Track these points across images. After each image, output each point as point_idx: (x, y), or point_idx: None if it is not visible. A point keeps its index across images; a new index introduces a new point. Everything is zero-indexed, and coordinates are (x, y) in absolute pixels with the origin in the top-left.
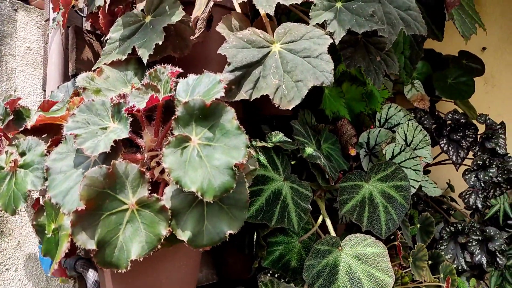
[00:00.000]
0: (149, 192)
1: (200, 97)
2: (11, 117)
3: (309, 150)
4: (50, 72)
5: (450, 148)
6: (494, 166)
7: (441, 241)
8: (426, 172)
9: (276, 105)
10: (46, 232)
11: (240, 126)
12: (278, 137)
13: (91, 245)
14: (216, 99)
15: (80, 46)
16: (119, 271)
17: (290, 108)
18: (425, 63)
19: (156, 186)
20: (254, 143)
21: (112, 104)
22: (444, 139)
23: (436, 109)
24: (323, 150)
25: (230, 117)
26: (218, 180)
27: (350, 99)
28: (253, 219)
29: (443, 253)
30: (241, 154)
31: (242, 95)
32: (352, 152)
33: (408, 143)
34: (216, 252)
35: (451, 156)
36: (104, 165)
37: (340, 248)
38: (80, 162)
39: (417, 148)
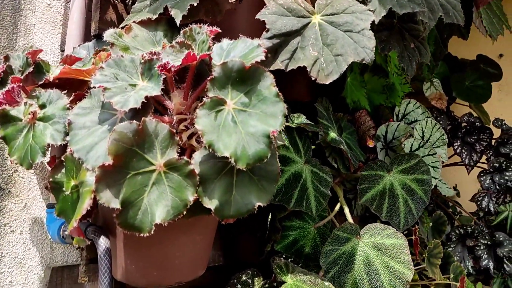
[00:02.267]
0: (178, 155)
1: (239, 59)
2: (31, 68)
3: (333, 134)
4: (71, 31)
5: (463, 151)
6: (510, 169)
7: (449, 243)
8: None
9: (313, 78)
10: (64, 189)
11: (279, 93)
12: (300, 119)
13: (115, 204)
14: (256, 62)
15: (104, 6)
16: (142, 235)
17: (327, 83)
18: (443, 63)
19: (182, 153)
20: None
21: (143, 61)
22: (458, 141)
23: (452, 111)
24: (342, 138)
25: (268, 83)
26: (252, 147)
27: (370, 90)
28: (272, 200)
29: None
30: (278, 122)
31: (278, 64)
32: (371, 143)
33: (425, 141)
34: (227, 234)
35: (464, 159)
36: (134, 121)
37: (358, 236)
38: (106, 118)
39: (433, 146)
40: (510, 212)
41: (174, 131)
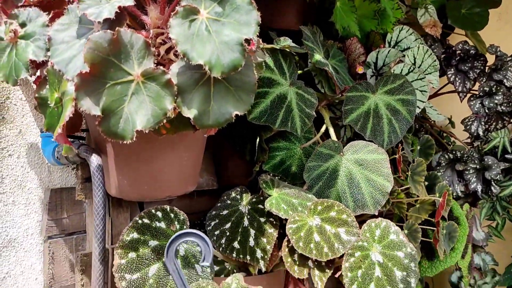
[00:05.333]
0: (155, 65)
1: None
2: None
3: (318, 56)
4: None
5: (457, 79)
6: (500, 93)
7: (438, 167)
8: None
9: None
10: (49, 103)
11: (252, 1)
12: (286, 42)
13: (96, 111)
14: None
15: None
16: (125, 142)
17: None
18: None
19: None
20: (261, 45)
21: None
22: (452, 69)
23: (447, 40)
24: (330, 63)
25: None
26: (226, 56)
27: (361, 16)
28: (257, 120)
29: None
30: (252, 30)
31: None
32: (360, 70)
33: (418, 67)
34: (219, 159)
35: (457, 87)
36: (108, 30)
37: (342, 153)
38: (83, 33)
39: (425, 72)
40: (502, 139)
41: (150, 41)
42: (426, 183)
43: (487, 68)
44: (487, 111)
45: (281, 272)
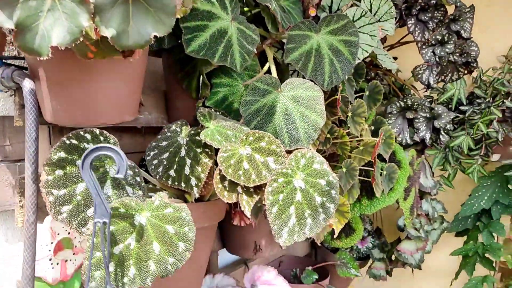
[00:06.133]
0: None
1: None
2: None
3: None
4: None
5: (416, 28)
6: (452, 42)
7: (389, 115)
8: (394, 58)
9: None
10: None
11: None
12: None
13: (10, 25)
14: None
15: None
16: (41, 58)
17: None
18: None
19: None
20: None
21: None
22: (413, 19)
23: None
24: (282, 4)
25: None
26: None
27: None
28: (196, 54)
29: (389, 124)
30: None
31: None
32: (312, 12)
33: (373, 13)
34: (168, 98)
35: (416, 37)
36: None
37: (279, 90)
38: None
39: (381, 20)
40: (457, 90)
41: None
42: (372, 127)
43: (446, 18)
44: (437, 60)
45: (219, 202)
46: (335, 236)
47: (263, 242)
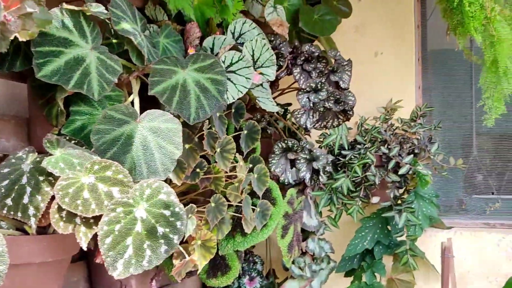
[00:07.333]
0: None
1: None
2: None
3: (126, 25)
4: None
5: (301, 77)
6: (324, 90)
7: (273, 155)
8: (288, 104)
9: None
10: None
11: None
12: (98, 9)
13: None
14: None
15: None
16: None
17: None
18: None
19: None
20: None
21: None
22: (298, 68)
23: (297, 41)
24: (160, 44)
25: None
26: None
27: (202, 2)
28: (47, 79)
29: (272, 164)
30: None
31: None
32: (191, 51)
33: (255, 60)
34: (29, 124)
35: (300, 85)
36: None
37: (138, 120)
38: None
39: (263, 65)
40: (338, 136)
41: None
42: (251, 165)
43: (326, 69)
44: (311, 105)
45: (71, 235)
46: (199, 272)
47: (133, 282)
